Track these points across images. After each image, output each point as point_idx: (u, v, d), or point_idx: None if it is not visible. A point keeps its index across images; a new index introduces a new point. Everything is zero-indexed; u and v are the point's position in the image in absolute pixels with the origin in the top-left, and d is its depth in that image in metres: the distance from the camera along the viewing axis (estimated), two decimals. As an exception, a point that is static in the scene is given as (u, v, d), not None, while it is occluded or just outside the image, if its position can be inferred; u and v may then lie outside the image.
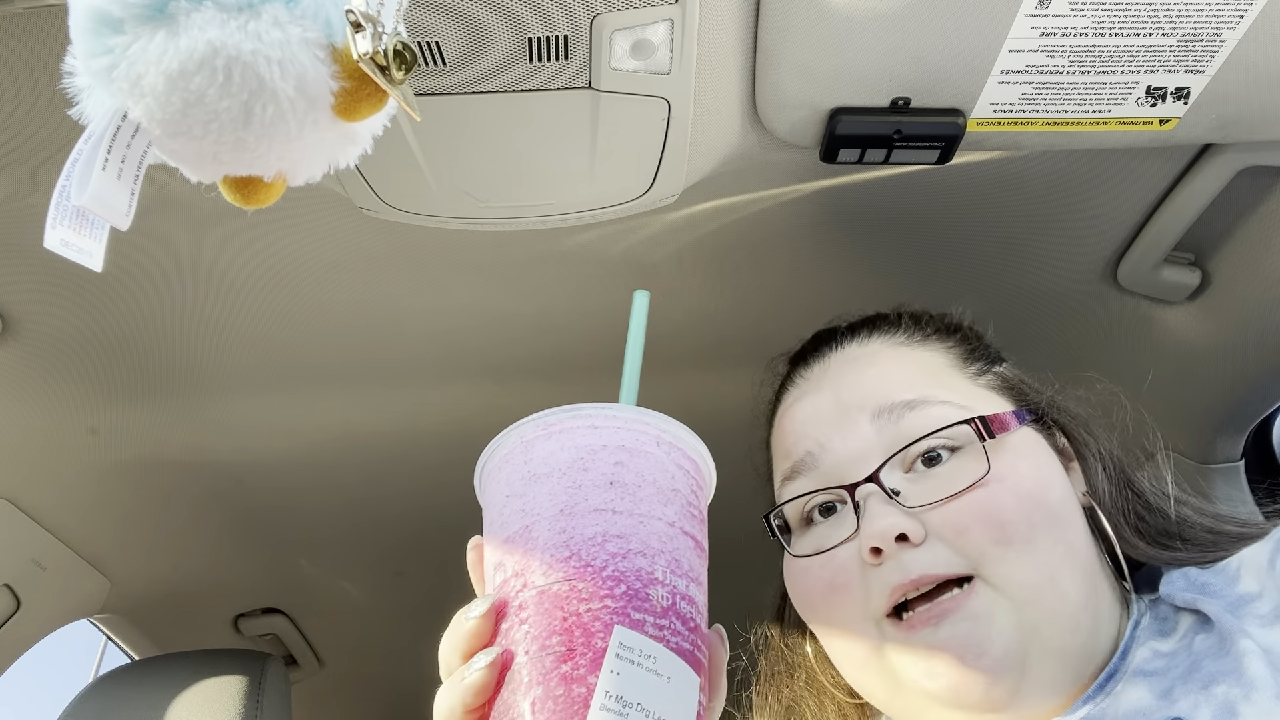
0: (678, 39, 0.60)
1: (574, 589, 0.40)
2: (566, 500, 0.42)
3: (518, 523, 0.43)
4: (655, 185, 0.74)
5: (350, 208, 0.76)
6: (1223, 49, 0.63)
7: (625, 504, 0.42)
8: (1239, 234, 0.84)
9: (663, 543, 0.42)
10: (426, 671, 1.76)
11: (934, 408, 0.61)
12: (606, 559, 0.41)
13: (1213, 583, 0.57)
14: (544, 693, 0.38)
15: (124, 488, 1.16)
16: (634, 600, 0.40)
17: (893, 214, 0.86)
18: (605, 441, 0.44)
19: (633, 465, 0.43)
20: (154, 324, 0.93)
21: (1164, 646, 0.56)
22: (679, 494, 0.44)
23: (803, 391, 0.69)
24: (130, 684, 1.04)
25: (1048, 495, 0.58)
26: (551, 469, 0.43)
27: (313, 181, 0.43)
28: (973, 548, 0.56)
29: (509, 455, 0.45)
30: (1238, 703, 0.49)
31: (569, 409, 0.44)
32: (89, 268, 0.40)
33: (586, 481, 0.42)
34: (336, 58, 0.38)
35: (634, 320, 0.52)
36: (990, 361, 0.69)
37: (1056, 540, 0.57)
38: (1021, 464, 0.59)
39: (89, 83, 0.38)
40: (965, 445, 0.60)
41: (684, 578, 0.42)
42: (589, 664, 0.38)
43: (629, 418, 0.44)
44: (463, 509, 1.40)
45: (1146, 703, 0.53)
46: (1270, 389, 0.95)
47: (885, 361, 0.67)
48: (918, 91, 0.66)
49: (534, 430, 0.44)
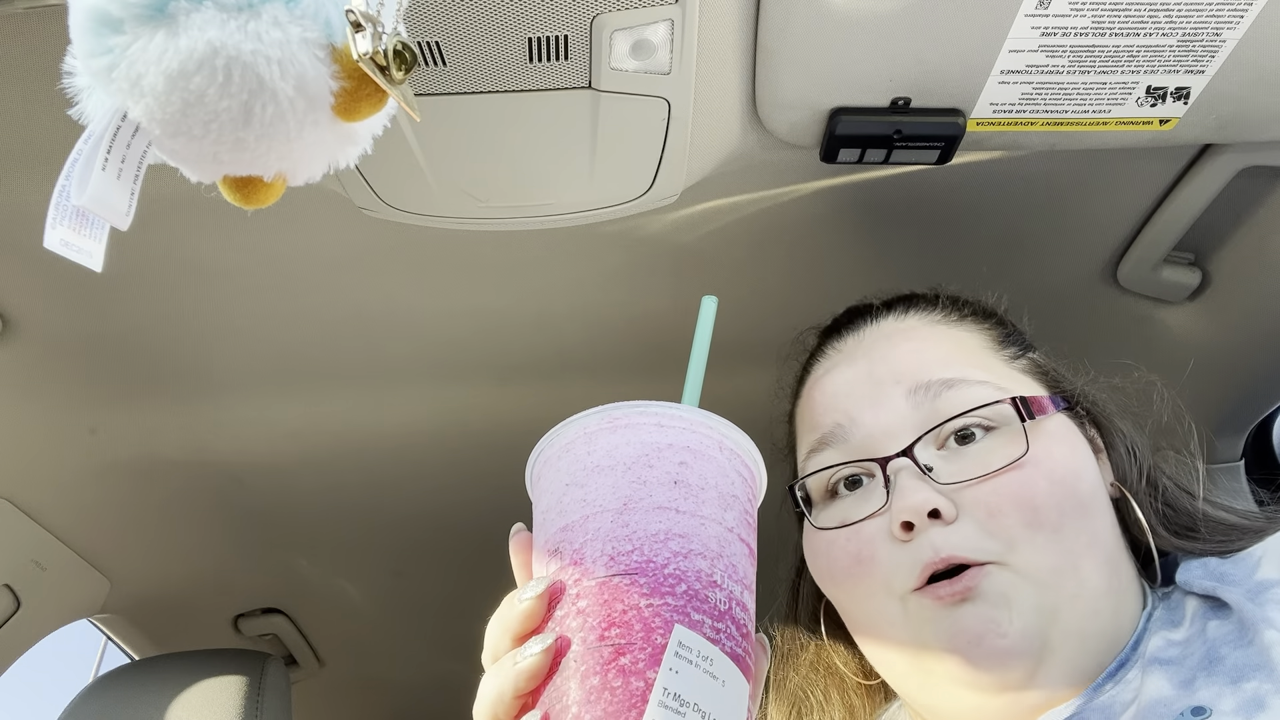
0: (678, 39, 0.60)
1: (635, 583, 0.40)
2: (630, 494, 0.42)
3: (578, 512, 0.42)
4: (655, 185, 0.74)
5: (350, 208, 0.76)
6: (1223, 49, 0.63)
7: (688, 505, 0.42)
8: (1239, 234, 0.84)
9: (721, 547, 0.42)
10: (427, 671, 1.76)
11: (972, 387, 0.61)
12: (669, 557, 0.41)
13: (1232, 572, 0.57)
14: (600, 683, 0.38)
15: (124, 488, 1.16)
16: (694, 600, 0.40)
17: (893, 214, 0.86)
18: (671, 440, 0.43)
19: (696, 467, 0.43)
20: (154, 324, 0.93)
21: (1176, 635, 0.56)
22: (738, 500, 0.44)
23: (834, 363, 0.69)
24: (130, 684, 1.04)
25: (1080, 484, 0.58)
26: (615, 462, 0.43)
27: (313, 181, 0.42)
28: (1003, 530, 0.56)
29: (570, 444, 0.44)
30: (1268, 697, 0.48)
31: (635, 405, 0.44)
32: (89, 268, 0.40)
33: (651, 478, 0.42)
34: (336, 58, 0.38)
35: (701, 324, 0.52)
36: (1024, 348, 0.69)
37: (1082, 529, 0.57)
38: (1057, 449, 0.59)
39: (89, 83, 0.38)
40: (1001, 426, 0.59)
41: (739, 584, 0.42)
42: (648, 659, 0.38)
43: (695, 419, 0.44)
44: (463, 509, 1.40)
45: (1166, 692, 0.52)
46: (1270, 389, 0.96)
47: (922, 339, 0.67)
48: (918, 91, 0.66)
49: (598, 423, 0.44)
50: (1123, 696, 0.54)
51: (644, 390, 0.99)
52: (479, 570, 1.34)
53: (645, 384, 1.05)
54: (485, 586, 1.25)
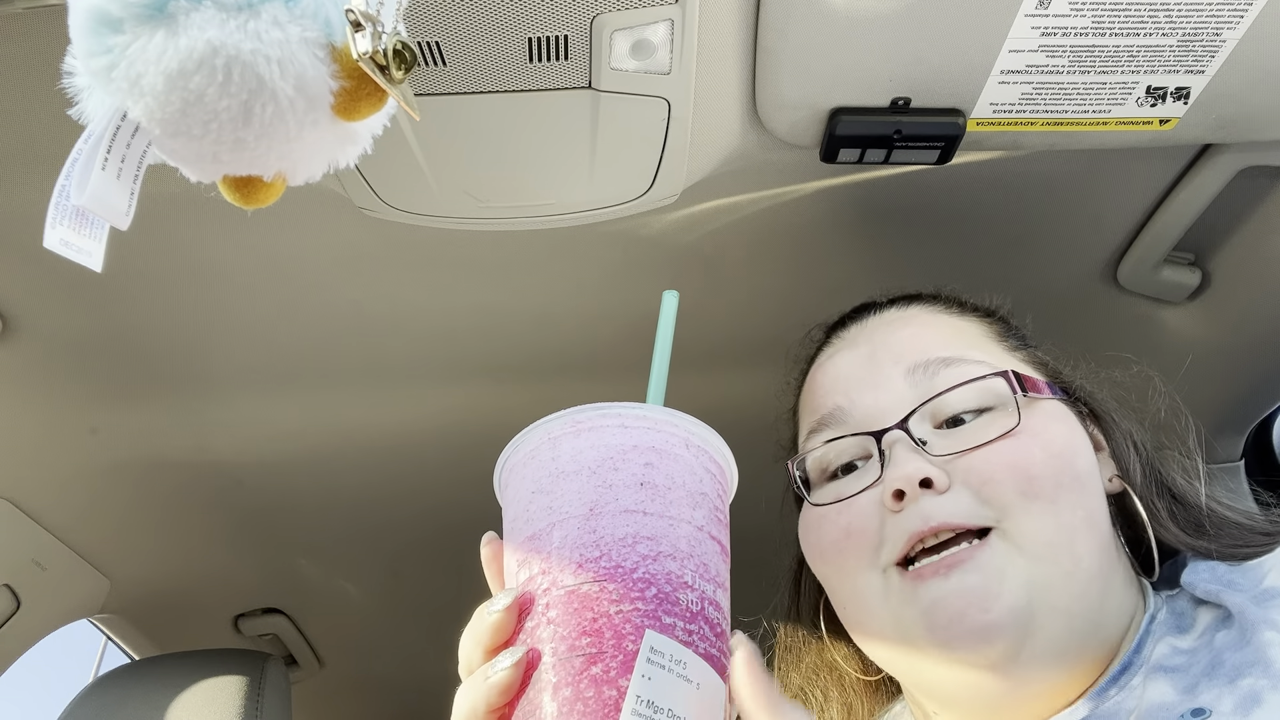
0: (678, 39, 0.60)
1: (604, 590, 0.39)
2: (596, 499, 0.41)
3: (544, 519, 0.42)
4: (655, 185, 0.74)
5: (350, 208, 0.76)
6: (1223, 49, 0.63)
7: (656, 506, 0.41)
8: (1239, 234, 0.84)
9: (691, 547, 0.42)
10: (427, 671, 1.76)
11: (969, 365, 0.61)
12: (637, 560, 0.40)
13: (1239, 580, 0.57)
14: (573, 694, 0.38)
15: (124, 488, 1.16)
16: (664, 604, 0.40)
17: (893, 214, 0.86)
18: (635, 441, 0.43)
19: (662, 467, 0.43)
20: (154, 324, 0.93)
21: (1183, 643, 0.56)
22: (706, 498, 0.44)
23: (836, 350, 0.69)
24: (130, 684, 1.04)
25: (1076, 460, 0.58)
26: (580, 467, 0.42)
27: (313, 181, 0.42)
28: (997, 497, 0.55)
29: (535, 451, 0.44)
30: (1264, 692, 0.48)
31: (597, 407, 0.43)
32: (89, 268, 0.40)
33: (617, 481, 0.42)
34: (336, 57, 0.38)
35: (663, 320, 0.51)
36: (1025, 343, 0.69)
37: (1078, 504, 0.56)
38: (1053, 425, 0.59)
39: (89, 82, 0.38)
40: (997, 406, 0.60)
41: (711, 583, 0.42)
42: (620, 666, 0.38)
43: (659, 418, 0.44)
44: (463, 509, 1.40)
45: (1170, 698, 0.52)
46: (1270, 389, 0.96)
47: (923, 324, 0.67)
48: (918, 91, 0.66)
49: (561, 427, 0.43)
50: (1127, 704, 0.54)
51: (644, 390, 0.99)
52: (479, 570, 1.33)
53: (645, 383, 1.05)
54: (485, 586, 1.25)
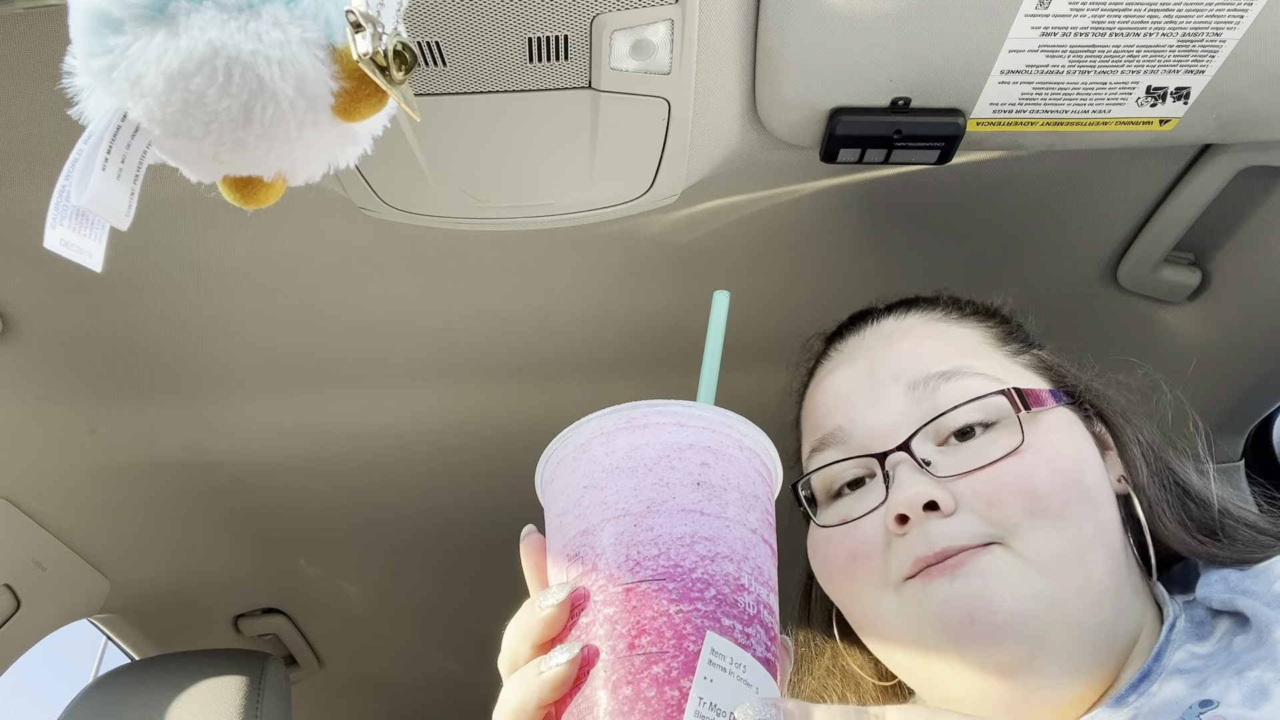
0: (678, 39, 0.60)
1: (663, 589, 0.39)
2: (653, 497, 0.41)
3: (598, 515, 0.41)
4: (655, 185, 0.74)
5: (350, 208, 0.76)
6: (1223, 49, 0.63)
7: (712, 506, 0.41)
8: (1239, 234, 0.84)
9: (747, 549, 0.41)
10: (427, 672, 1.76)
11: (969, 379, 0.60)
12: (696, 561, 0.39)
13: (1252, 586, 0.56)
14: (634, 692, 0.37)
15: (124, 488, 1.16)
16: (723, 605, 0.39)
17: (893, 214, 0.86)
18: (691, 440, 0.42)
19: (718, 467, 0.42)
20: (154, 324, 0.93)
21: (1202, 649, 0.56)
22: (759, 500, 0.43)
23: (836, 364, 0.69)
24: (130, 684, 1.04)
25: (1083, 474, 0.57)
26: (636, 463, 0.42)
27: (313, 181, 0.42)
28: (1003, 518, 0.55)
29: (586, 445, 0.43)
30: (1272, 685, 0.48)
31: (653, 404, 0.43)
32: (89, 268, 0.40)
33: (674, 480, 0.41)
34: (336, 58, 0.38)
35: (714, 320, 0.51)
36: (1028, 344, 0.68)
37: (1088, 518, 0.56)
38: (1057, 439, 0.58)
39: (89, 83, 0.38)
40: (1000, 420, 0.59)
41: (765, 586, 0.42)
42: (681, 667, 0.37)
43: (714, 418, 0.43)
44: (463, 509, 1.40)
45: (1181, 694, 0.52)
46: (1270, 389, 0.95)
47: (920, 336, 0.66)
48: (918, 91, 0.66)
49: (615, 422, 0.43)
50: (1144, 710, 0.54)
51: (645, 390, 0.99)
52: (479, 570, 1.34)
53: (646, 384, 1.05)
54: (485, 587, 1.25)
